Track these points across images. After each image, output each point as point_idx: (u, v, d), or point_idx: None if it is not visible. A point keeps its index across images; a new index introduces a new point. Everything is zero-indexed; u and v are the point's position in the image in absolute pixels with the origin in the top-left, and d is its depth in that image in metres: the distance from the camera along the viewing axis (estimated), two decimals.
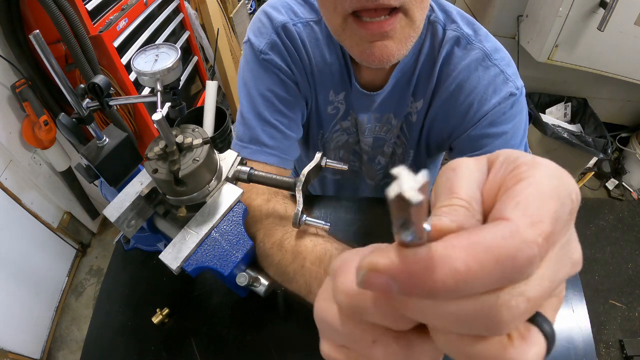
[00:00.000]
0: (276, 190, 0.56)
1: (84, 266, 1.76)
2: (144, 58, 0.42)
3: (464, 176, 0.18)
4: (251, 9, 2.70)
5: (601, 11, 1.34)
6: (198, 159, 0.39)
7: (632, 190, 2.00)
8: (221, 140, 0.71)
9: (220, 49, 2.14)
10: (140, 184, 0.44)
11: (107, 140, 0.46)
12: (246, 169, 0.46)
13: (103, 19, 1.31)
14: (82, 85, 0.41)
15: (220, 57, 2.17)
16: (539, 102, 1.93)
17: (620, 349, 1.48)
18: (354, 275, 0.16)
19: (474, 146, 0.59)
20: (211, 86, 0.57)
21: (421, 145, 0.69)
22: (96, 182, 0.53)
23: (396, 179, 0.13)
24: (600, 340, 1.52)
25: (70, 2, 1.13)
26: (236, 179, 0.46)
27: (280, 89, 0.61)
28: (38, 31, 0.34)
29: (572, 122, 1.93)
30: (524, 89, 0.57)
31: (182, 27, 1.86)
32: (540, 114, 1.87)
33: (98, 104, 0.42)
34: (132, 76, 1.41)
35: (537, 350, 0.15)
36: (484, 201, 0.17)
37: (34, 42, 0.35)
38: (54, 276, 1.61)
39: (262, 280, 0.47)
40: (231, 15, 2.35)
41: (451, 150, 0.65)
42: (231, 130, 0.73)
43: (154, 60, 0.41)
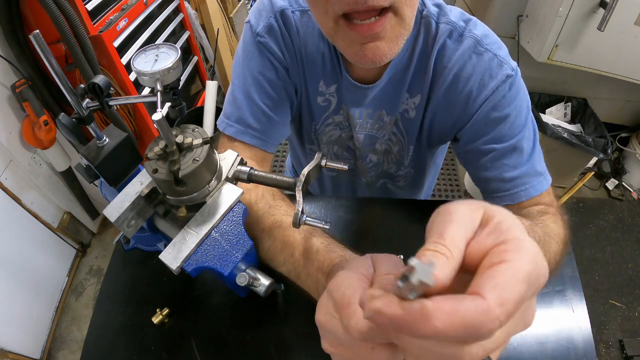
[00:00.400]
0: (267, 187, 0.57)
1: (84, 266, 1.76)
2: (144, 58, 0.42)
3: (455, 224, 0.22)
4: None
5: (601, 11, 1.34)
6: (198, 159, 0.39)
7: (632, 190, 2.00)
8: None
9: (220, 49, 2.14)
10: (140, 184, 0.44)
11: (107, 140, 0.46)
12: (246, 169, 0.46)
13: (103, 19, 1.31)
14: (82, 85, 0.41)
15: (220, 57, 2.17)
16: (539, 102, 1.93)
17: (620, 349, 1.48)
18: (359, 316, 0.24)
19: (481, 132, 0.59)
20: (211, 86, 0.58)
21: (422, 139, 0.69)
22: (96, 182, 0.52)
23: (414, 269, 0.19)
24: (600, 340, 1.52)
25: (70, 2, 1.13)
26: (236, 179, 0.46)
27: (270, 73, 0.62)
28: (38, 31, 0.34)
29: (572, 122, 1.93)
30: (518, 68, 0.58)
31: (182, 27, 1.87)
32: (540, 114, 1.87)
33: (98, 104, 0.42)
34: (132, 76, 1.41)
35: None
36: (471, 254, 0.22)
37: (34, 42, 0.35)
38: (54, 276, 1.61)
39: (262, 280, 0.47)
40: (231, 15, 2.35)
41: (457, 141, 0.65)
42: None
43: (154, 60, 0.41)
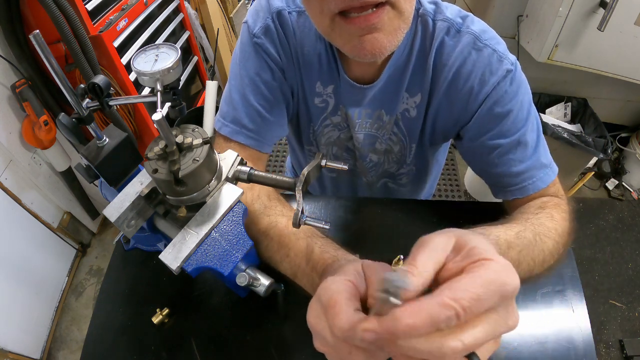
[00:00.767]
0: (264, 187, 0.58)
1: (84, 266, 1.76)
2: (144, 58, 0.41)
3: (426, 251, 0.28)
4: None
5: (601, 11, 1.34)
6: (198, 159, 0.39)
7: (632, 190, 2.00)
8: None
9: (220, 49, 2.14)
10: (140, 184, 0.44)
11: (107, 140, 0.45)
12: (246, 169, 0.46)
13: (103, 19, 1.31)
14: (82, 85, 0.41)
15: (220, 57, 2.18)
16: (539, 102, 1.93)
17: (620, 349, 1.48)
18: (342, 316, 0.28)
19: (485, 129, 0.59)
20: (211, 86, 0.57)
21: (424, 138, 0.69)
22: (96, 182, 0.52)
23: (387, 282, 0.25)
24: (600, 340, 1.51)
25: (70, 2, 1.13)
26: (236, 179, 0.46)
27: (266, 74, 0.62)
28: (38, 31, 0.34)
29: (572, 122, 1.93)
30: (518, 62, 0.58)
31: (182, 27, 1.87)
32: (540, 114, 1.87)
33: (98, 104, 0.42)
34: (132, 76, 1.42)
35: None
36: (444, 276, 0.28)
37: (34, 42, 0.35)
38: (54, 276, 1.61)
39: (262, 280, 0.47)
40: (231, 15, 2.35)
41: (461, 139, 0.65)
42: None
43: (154, 60, 0.41)
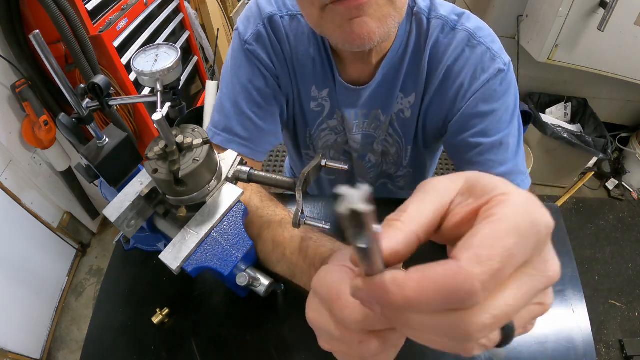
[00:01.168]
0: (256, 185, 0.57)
1: (84, 266, 1.76)
2: (144, 58, 0.41)
3: (419, 199, 0.22)
4: None
5: (601, 11, 1.34)
6: (198, 159, 0.39)
7: (632, 190, 2.00)
8: None
9: (220, 49, 2.14)
10: (140, 184, 0.44)
11: (107, 140, 0.46)
12: (246, 169, 0.46)
13: (103, 19, 1.31)
14: (82, 85, 0.41)
15: (220, 57, 2.18)
16: (539, 102, 1.93)
17: (620, 349, 1.48)
18: (352, 306, 0.22)
19: (466, 126, 0.59)
20: (211, 86, 0.58)
21: (419, 138, 0.69)
22: (96, 182, 0.52)
23: (342, 197, 0.14)
24: (600, 340, 1.52)
25: (70, 2, 1.13)
26: (236, 179, 0.46)
27: (259, 81, 0.62)
28: (38, 31, 0.34)
29: (572, 122, 1.93)
30: (511, 64, 0.58)
31: (182, 27, 1.86)
32: (540, 114, 1.86)
33: (98, 104, 0.42)
34: (132, 76, 1.41)
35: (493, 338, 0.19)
36: (452, 222, 0.21)
37: (34, 42, 0.35)
38: (54, 276, 1.61)
39: (262, 280, 0.48)
40: (231, 15, 2.35)
41: (446, 133, 0.64)
42: None
43: (154, 60, 0.41)
